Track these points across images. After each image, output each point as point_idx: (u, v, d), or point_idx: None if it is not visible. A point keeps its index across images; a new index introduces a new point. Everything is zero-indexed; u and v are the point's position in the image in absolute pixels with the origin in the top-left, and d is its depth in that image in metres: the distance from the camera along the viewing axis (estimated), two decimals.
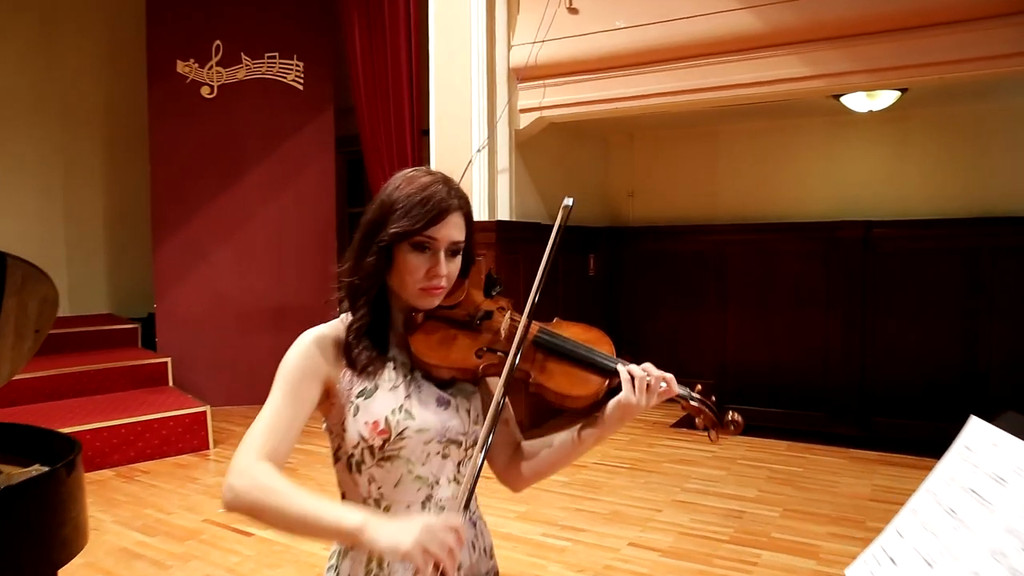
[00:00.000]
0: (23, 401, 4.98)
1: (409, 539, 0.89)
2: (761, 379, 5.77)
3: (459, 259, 1.17)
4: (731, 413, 1.20)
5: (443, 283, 1.13)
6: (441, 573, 0.89)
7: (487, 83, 4.83)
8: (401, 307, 1.18)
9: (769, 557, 3.09)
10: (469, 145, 4.82)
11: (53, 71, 6.78)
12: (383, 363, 1.14)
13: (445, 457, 1.15)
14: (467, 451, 1.17)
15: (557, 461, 1.21)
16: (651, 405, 1.13)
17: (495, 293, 1.23)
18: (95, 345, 6.11)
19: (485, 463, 1.07)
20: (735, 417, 1.19)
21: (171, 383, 5.71)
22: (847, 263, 5.41)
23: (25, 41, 6.61)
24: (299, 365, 1.10)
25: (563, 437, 1.20)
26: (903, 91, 4.64)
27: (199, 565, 3.14)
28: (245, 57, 6.01)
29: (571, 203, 1.12)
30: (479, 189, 4.81)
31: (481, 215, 4.77)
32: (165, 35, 5.98)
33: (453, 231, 1.12)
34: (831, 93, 4.54)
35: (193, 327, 6.01)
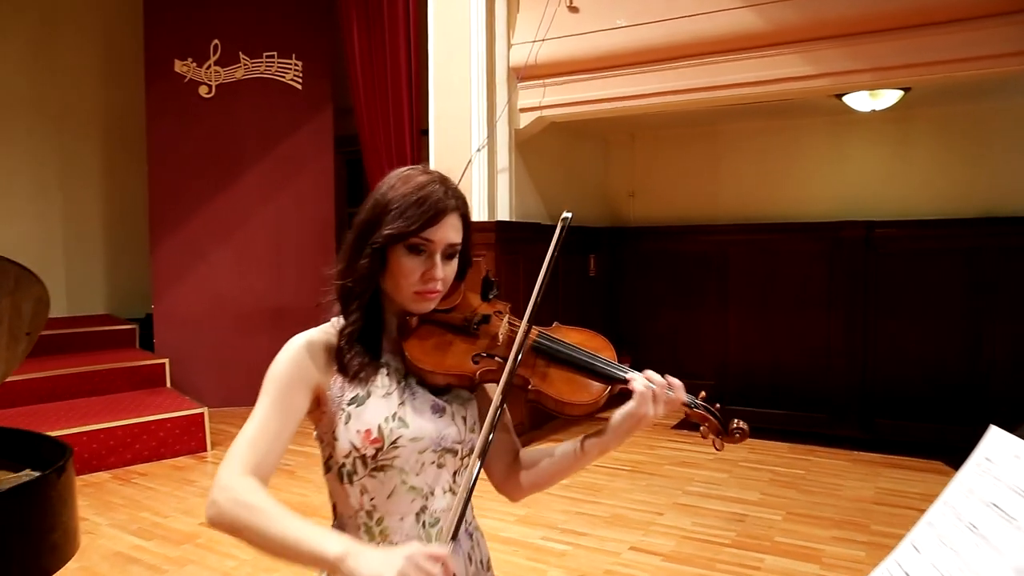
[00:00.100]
0: (20, 403, 4.96)
1: (392, 571, 0.85)
2: (763, 380, 5.74)
3: (455, 262, 1.12)
4: (736, 421, 1.16)
5: (439, 286, 1.09)
6: None
7: (486, 82, 4.79)
8: (395, 311, 1.14)
9: (772, 562, 3.05)
10: (468, 145, 4.78)
11: (51, 71, 6.76)
12: (376, 369, 1.09)
13: (440, 467, 1.11)
14: (463, 460, 1.13)
15: (559, 472, 1.17)
16: (660, 416, 1.10)
17: (492, 296, 1.18)
18: (92, 346, 6.08)
19: (482, 473, 1.03)
20: (740, 425, 1.16)
21: (169, 384, 5.68)
22: (849, 263, 5.38)
23: (23, 42, 6.59)
24: (287, 372, 1.06)
25: (566, 447, 1.16)
26: (906, 90, 4.61)
27: (195, 570, 3.11)
28: (243, 56, 5.98)
29: (570, 216, 1.07)
30: (478, 189, 4.77)
31: (481, 215, 4.74)
32: (163, 34, 5.95)
33: (450, 233, 1.08)
34: (833, 92, 4.50)
35: (191, 328, 5.98)
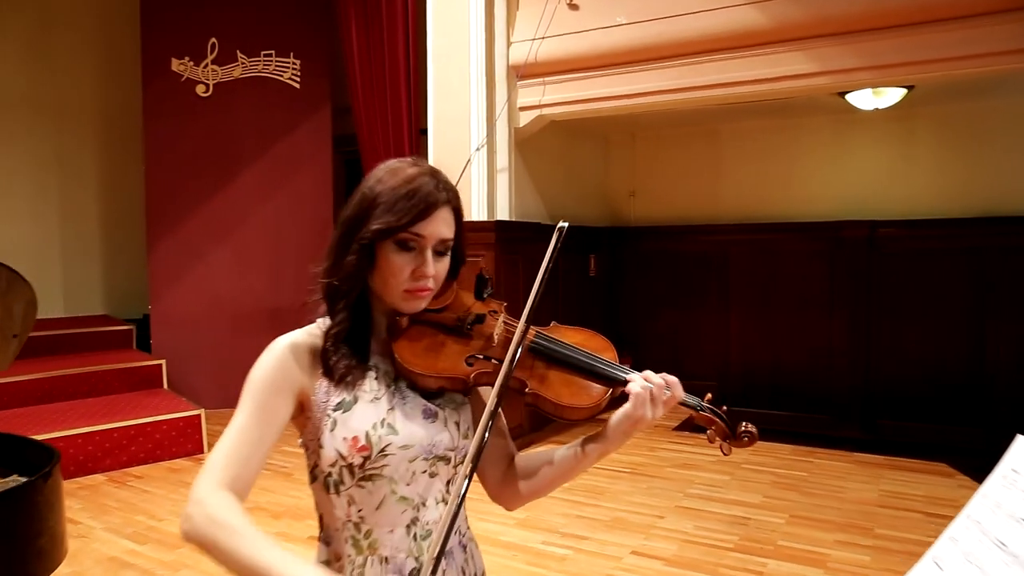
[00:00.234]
0: (15, 404, 4.92)
1: None
2: (764, 381, 5.70)
3: (447, 258, 1.07)
4: (744, 424, 1.11)
5: (430, 284, 1.04)
6: None
7: (486, 81, 4.75)
8: (384, 311, 1.09)
9: (776, 566, 3.00)
10: (468, 144, 4.74)
11: (48, 71, 6.72)
12: (363, 372, 1.04)
13: (432, 476, 1.05)
14: (456, 468, 1.07)
15: (557, 478, 1.11)
16: (659, 417, 1.05)
17: (487, 295, 1.13)
18: (89, 347, 6.03)
19: (476, 481, 0.98)
20: (748, 428, 1.11)
21: (166, 386, 5.63)
22: (852, 263, 5.34)
23: (21, 42, 6.56)
24: (269, 376, 1.00)
25: (563, 452, 1.11)
26: (909, 88, 4.57)
27: (190, 574, 3.06)
28: (241, 55, 5.93)
29: (565, 226, 1.02)
30: (478, 188, 4.73)
31: (480, 215, 4.69)
32: (160, 33, 5.90)
33: (441, 227, 1.03)
34: (836, 90, 4.46)
35: (188, 329, 5.93)
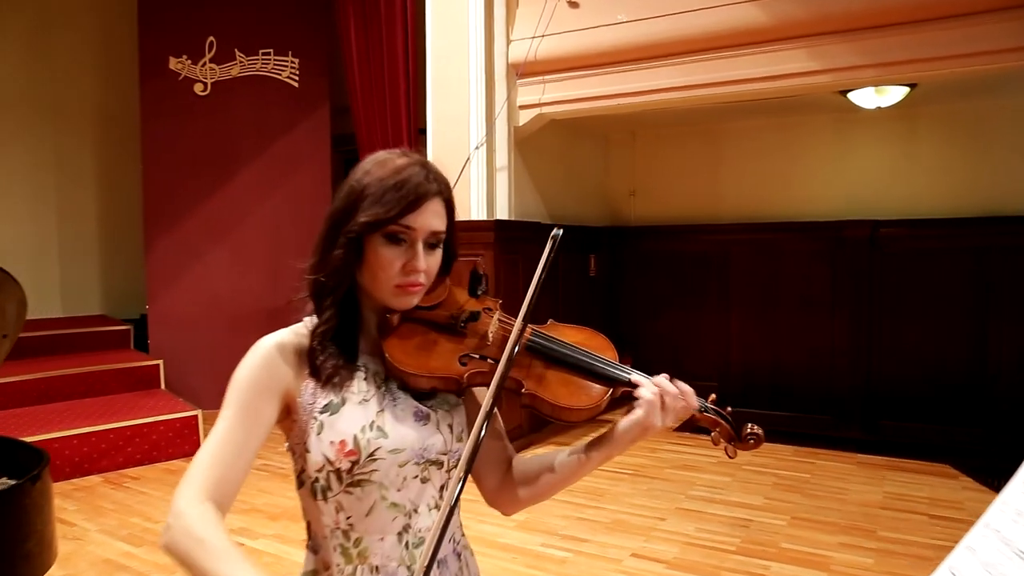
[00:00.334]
0: (12, 405, 4.89)
1: None
2: (765, 381, 5.66)
3: (439, 252, 1.03)
4: (749, 426, 1.07)
5: (421, 279, 0.99)
6: None
7: (485, 79, 4.72)
8: (374, 308, 1.04)
9: (779, 569, 2.97)
10: (467, 143, 4.70)
11: (47, 71, 6.70)
12: (351, 372, 0.99)
13: (425, 481, 1.01)
14: (450, 473, 1.03)
15: (558, 483, 1.07)
16: (669, 425, 1.00)
17: (481, 292, 1.08)
18: (87, 347, 6.00)
19: (473, 485, 0.94)
20: (754, 430, 1.06)
21: (163, 386, 5.60)
22: (853, 263, 5.30)
23: (19, 42, 6.53)
24: (253, 378, 0.97)
25: (565, 457, 1.06)
26: (912, 87, 4.54)
27: None
28: (239, 53, 5.90)
29: (560, 233, 0.99)
30: (477, 188, 4.69)
31: (479, 214, 4.66)
32: (157, 31, 5.87)
33: (432, 219, 0.99)
34: (839, 88, 4.43)
35: (186, 329, 5.89)
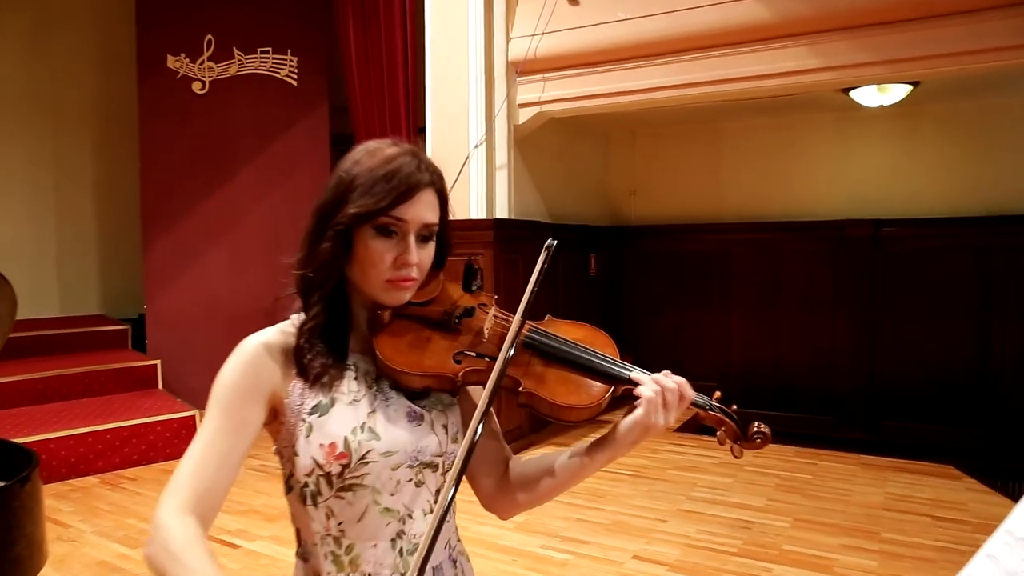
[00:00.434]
0: (9, 405, 4.85)
1: None
2: (767, 382, 5.64)
3: (432, 246, 0.98)
4: (756, 424, 1.02)
5: (414, 274, 0.95)
6: None
7: (485, 77, 4.68)
8: (364, 304, 1.00)
9: (781, 571, 2.93)
10: (466, 141, 4.67)
11: (45, 71, 6.66)
12: (341, 372, 0.95)
13: (419, 484, 0.97)
14: (445, 476, 0.99)
15: (558, 486, 1.02)
16: (671, 424, 0.96)
17: (476, 287, 1.04)
18: (84, 347, 5.97)
19: (469, 489, 0.90)
20: (761, 428, 1.02)
21: (160, 386, 5.56)
22: (856, 263, 5.28)
23: (17, 42, 6.50)
24: (238, 381, 0.92)
25: (565, 459, 1.01)
26: (915, 85, 4.51)
27: None
28: (237, 52, 5.86)
29: (554, 244, 0.95)
30: (477, 186, 4.66)
31: (479, 213, 4.62)
32: (155, 29, 5.83)
33: (424, 211, 0.95)
34: (842, 86, 4.39)
35: (184, 328, 5.85)
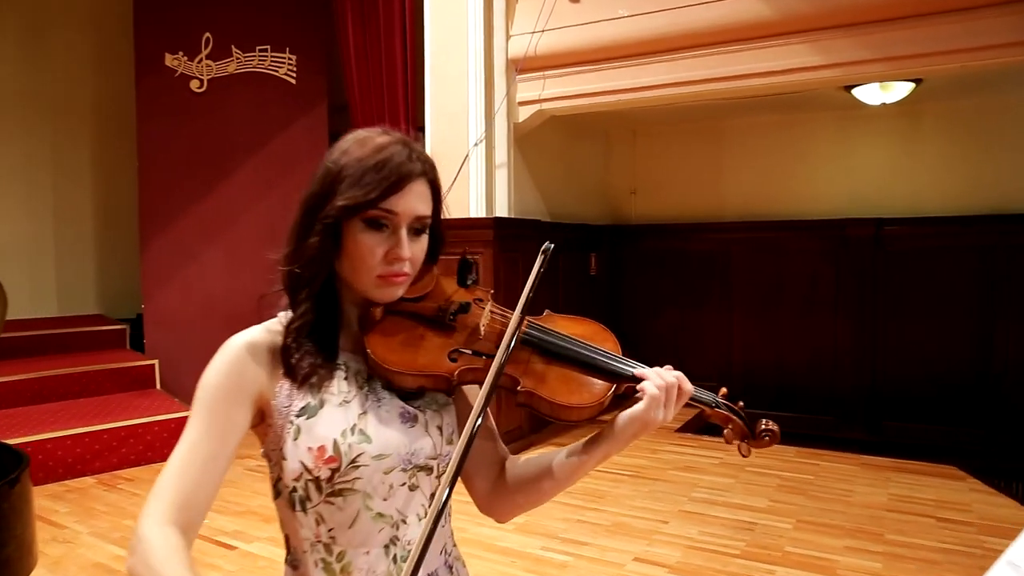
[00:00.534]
0: (6, 405, 4.82)
1: None
2: (768, 381, 5.61)
3: (425, 239, 0.95)
4: (764, 422, 0.99)
5: (406, 268, 0.91)
6: None
7: (484, 75, 4.65)
8: (354, 301, 0.96)
9: (784, 574, 2.89)
10: (466, 139, 4.64)
11: (43, 70, 6.64)
12: (331, 372, 0.91)
13: (413, 488, 0.93)
14: (441, 479, 0.94)
15: (556, 486, 0.99)
16: (670, 419, 0.93)
17: (471, 282, 1.01)
18: (82, 347, 5.94)
19: (464, 491, 0.87)
20: (769, 426, 0.99)
21: (158, 386, 5.53)
22: (857, 262, 5.25)
23: (15, 40, 6.47)
24: (222, 383, 0.89)
25: (561, 458, 0.98)
26: (917, 83, 4.47)
27: None
28: (236, 50, 5.83)
29: (551, 247, 0.92)
30: (476, 185, 4.63)
31: (478, 212, 4.60)
32: (153, 27, 5.79)
33: (416, 203, 0.91)
34: (844, 83, 4.36)
35: (182, 328, 5.81)
